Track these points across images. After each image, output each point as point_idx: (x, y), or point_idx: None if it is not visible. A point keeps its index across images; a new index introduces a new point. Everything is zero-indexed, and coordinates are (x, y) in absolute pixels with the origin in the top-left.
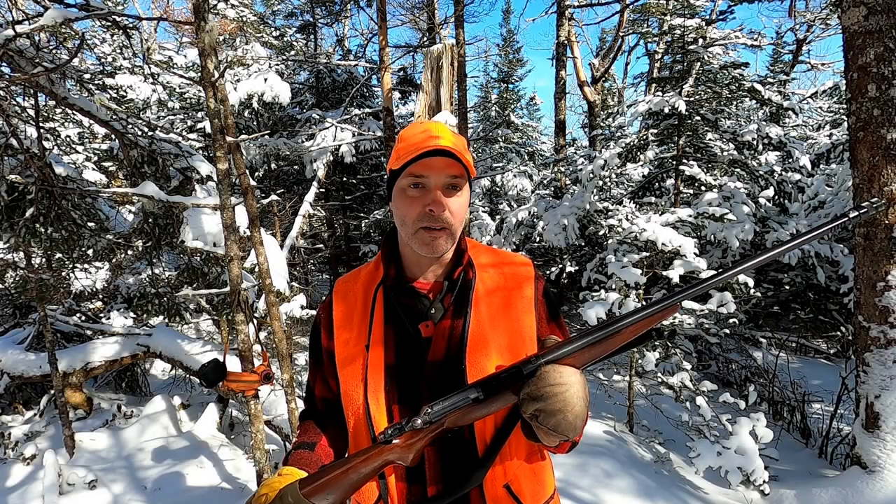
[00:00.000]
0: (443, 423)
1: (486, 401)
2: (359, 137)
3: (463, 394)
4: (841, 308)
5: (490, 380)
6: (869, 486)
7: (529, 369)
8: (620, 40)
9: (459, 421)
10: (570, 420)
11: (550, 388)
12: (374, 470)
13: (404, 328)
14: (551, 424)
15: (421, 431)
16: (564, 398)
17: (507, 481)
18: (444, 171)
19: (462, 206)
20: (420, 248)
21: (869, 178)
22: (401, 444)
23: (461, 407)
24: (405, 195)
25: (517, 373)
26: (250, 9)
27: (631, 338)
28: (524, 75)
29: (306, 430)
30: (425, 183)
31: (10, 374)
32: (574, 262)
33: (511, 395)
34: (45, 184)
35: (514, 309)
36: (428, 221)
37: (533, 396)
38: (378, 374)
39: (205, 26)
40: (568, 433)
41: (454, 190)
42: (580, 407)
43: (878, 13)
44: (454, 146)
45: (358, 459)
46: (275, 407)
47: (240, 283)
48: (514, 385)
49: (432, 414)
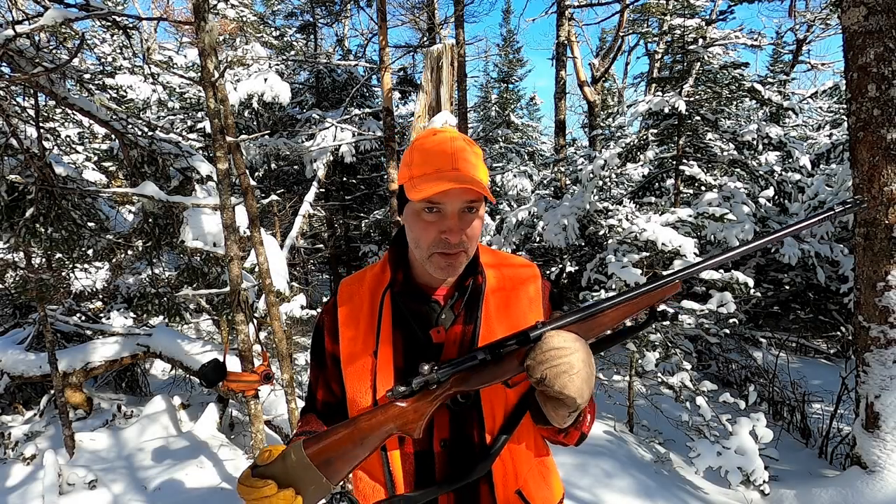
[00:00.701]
0: (449, 385)
1: (492, 363)
2: (359, 137)
3: (470, 355)
4: (841, 308)
5: (497, 343)
6: (869, 486)
7: (535, 334)
8: (620, 40)
9: (464, 384)
10: (577, 383)
11: (555, 351)
12: (379, 436)
13: (413, 333)
14: (557, 386)
15: (428, 395)
16: (569, 360)
17: (518, 486)
18: (461, 198)
19: (478, 226)
20: (435, 271)
21: (869, 178)
22: (408, 407)
23: (468, 367)
24: (420, 218)
25: (524, 337)
26: (250, 9)
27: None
28: (524, 75)
29: (308, 421)
30: (441, 209)
31: (10, 374)
32: (574, 262)
33: (516, 360)
34: (45, 184)
35: (519, 306)
36: (444, 248)
37: (538, 360)
38: (388, 380)
39: (205, 26)
40: (575, 396)
41: (470, 213)
42: (585, 371)
43: (878, 13)
44: (472, 175)
45: (363, 419)
46: (275, 407)
47: (240, 283)
48: (520, 348)
49: (439, 372)
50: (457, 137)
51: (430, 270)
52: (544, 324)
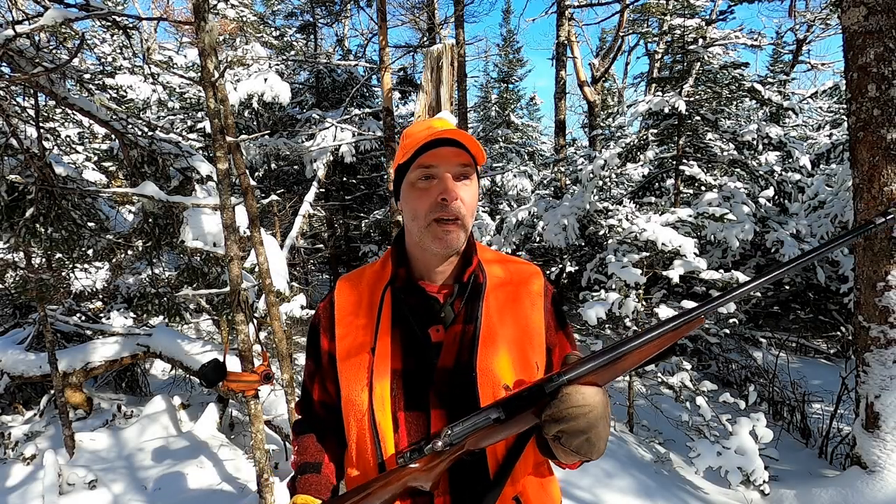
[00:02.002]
0: (463, 444)
1: (507, 421)
2: (359, 137)
3: (483, 414)
4: (841, 308)
5: (511, 399)
6: (869, 486)
7: (551, 388)
8: (620, 40)
9: (479, 442)
10: (594, 442)
11: (574, 410)
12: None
13: (412, 332)
14: (574, 446)
15: (441, 454)
16: (588, 420)
17: (516, 493)
18: (454, 160)
19: (473, 196)
20: (433, 242)
21: (869, 178)
22: (420, 468)
23: (482, 428)
24: (415, 188)
25: (539, 391)
26: (250, 9)
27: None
28: (524, 75)
29: (306, 447)
30: (435, 173)
31: (10, 374)
32: (574, 262)
33: (532, 415)
34: (45, 184)
35: (521, 303)
36: (440, 212)
37: (556, 418)
38: (384, 379)
39: (205, 26)
40: (591, 455)
41: (464, 179)
42: (603, 427)
43: (878, 13)
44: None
45: (377, 485)
46: (275, 407)
47: (240, 283)
48: (536, 404)
49: (453, 436)
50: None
51: (428, 244)
52: (560, 374)
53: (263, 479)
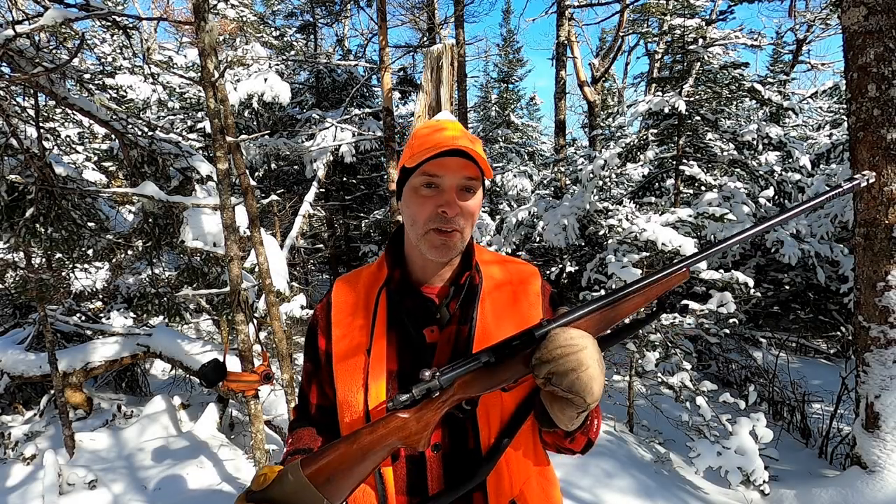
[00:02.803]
0: (453, 391)
1: (497, 365)
2: (359, 137)
3: (473, 358)
4: (841, 308)
5: (501, 344)
6: (869, 486)
7: (541, 332)
8: (620, 40)
9: (469, 389)
10: (585, 380)
11: (562, 349)
12: (381, 452)
13: (407, 333)
14: (565, 385)
15: (432, 403)
16: (578, 357)
17: (513, 496)
18: (460, 173)
19: (475, 207)
20: (429, 250)
21: None
22: (411, 418)
23: (472, 370)
24: (417, 194)
25: (529, 336)
26: (250, 9)
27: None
28: (524, 75)
29: (300, 437)
30: (439, 183)
31: (10, 374)
32: (574, 262)
33: (522, 363)
34: (45, 184)
35: (521, 304)
36: (439, 223)
37: (545, 359)
38: (379, 380)
39: (205, 26)
40: (584, 395)
41: (468, 192)
42: (595, 368)
43: (878, 13)
44: (471, 147)
45: (365, 433)
46: (275, 407)
47: (240, 283)
48: (526, 349)
49: (442, 378)
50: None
51: (424, 251)
52: (549, 321)
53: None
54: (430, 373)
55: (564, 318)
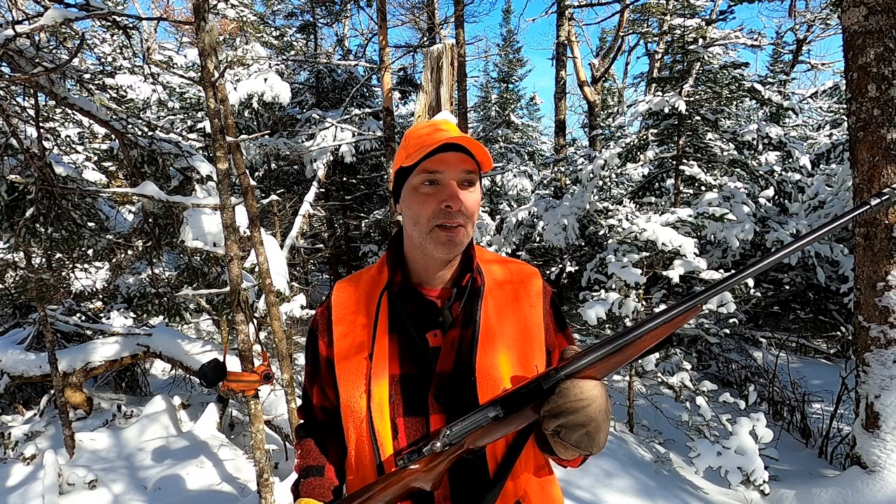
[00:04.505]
0: (462, 444)
1: (505, 418)
2: (359, 137)
3: (482, 413)
4: (841, 308)
5: (509, 396)
6: (869, 486)
7: (549, 384)
8: (620, 40)
9: (479, 441)
10: (593, 435)
11: (572, 405)
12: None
13: (410, 337)
14: (573, 441)
15: (441, 454)
16: (587, 413)
17: (517, 497)
18: (460, 167)
19: (476, 202)
20: (435, 248)
21: (869, 178)
22: (421, 469)
23: (481, 426)
24: (418, 193)
25: (537, 387)
26: (250, 9)
27: (651, 344)
28: (524, 75)
29: (308, 451)
30: (440, 179)
31: (10, 374)
32: (574, 262)
33: (531, 411)
34: (45, 184)
35: (521, 304)
36: (444, 218)
37: (554, 413)
38: (382, 385)
39: (205, 26)
40: (591, 448)
41: (469, 186)
42: (602, 420)
43: (878, 13)
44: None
45: (378, 488)
46: (275, 407)
47: (240, 283)
48: (534, 400)
49: (451, 436)
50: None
51: (429, 249)
52: (557, 370)
53: (263, 479)
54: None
55: (573, 366)
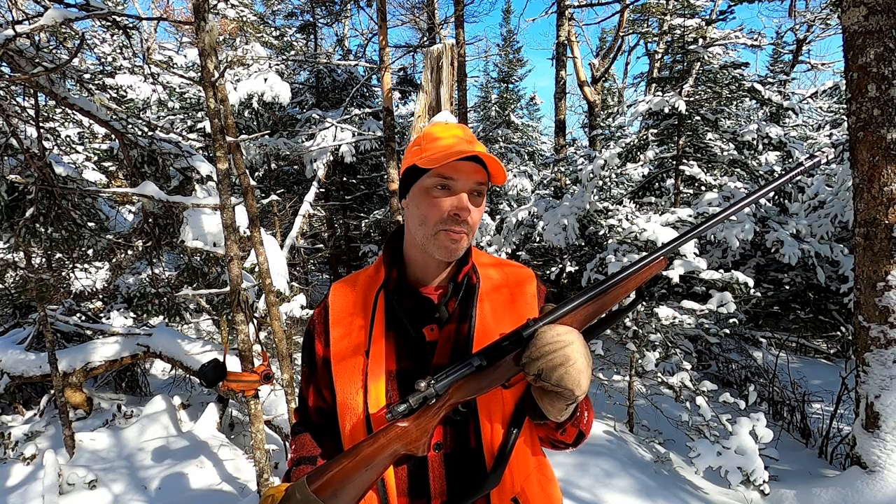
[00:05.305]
0: (449, 396)
1: (489, 367)
2: (359, 137)
3: (465, 362)
4: (841, 308)
5: (492, 347)
6: (869, 486)
7: (529, 332)
8: (620, 40)
9: (465, 394)
10: (573, 374)
11: (550, 346)
12: (384, 460)
13: (406, 333)
14: (554, 380)
15: (429, 409)
16: (565, 353)
17: (514, 493)
18: (473, 177)
19: (481, 212)
20: (438, 250)
21: (869, 178)
22: (409, 426)
23: (466, 376)
24: (429, 195)
25: (517, 337)
26: (250, 9)
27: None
28: (524, 75)
29: (303, 444)
30: (452, 186)
31: (10, 374)
32: (574, 262)
33: (513, 362)
34: (45, 184)
35: (518, 305)
36: (451, 224)
37: (534, 357)
38: (379, 381)
39: (205, 26)
40: (573, 387)
41: (478, 197)
42: (582, 362)
43: (878, 13)
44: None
45: (366, 445)
46: (275, 407)
47: (240, 283)
48: (516, 349)
49: (437, 386)
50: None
51: (432, 251)
52: (536, 320)
53: (263, 479)
54: (424, 383)
55: (550, 316)
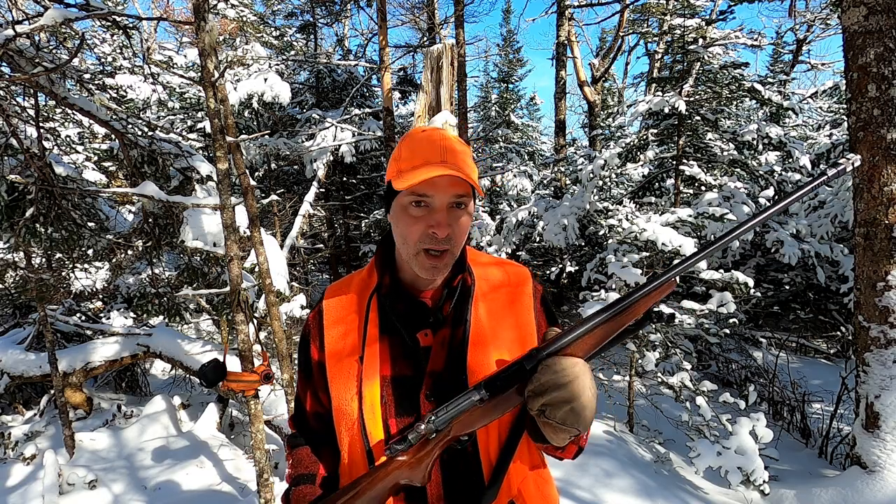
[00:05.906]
0: (449, 430)
1: (491, 401)
2: (359, 137)
3: (466, 396)
4: (841, 308)
5: (493, 379)
6: (869, 486)
7: (532, 363)
8: (620, 40)
9: (466, 427)
10: (578, 411)
11: (555, 381)
12: (384, 493)
13: (401, 338)
14: (559, 418)
15: (429, 443)
16: (570, 389)
17: (511, 496)
18: (450, 191)
19: (466, 223)
20: (420, 271)
21: (869, 178)
22: (408, 461)
23: (466, 410)
24: (406, 213)
25: (520, 369)
26: (250, 9)
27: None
28: (524, 75)
29: (300, 459)
30: (429, 202)
31: (10, 374)
32: (574, 262)
33: (516, 394)
34: (45, 184)
35: (517, 305)
36: (430, 243)
37: (538, 392)
38: (373, 387)
39: (205, 26)
40: (577, 425)
41: (459, 208)
42: (587, 397)
43: (878, 13)
44: (461, 167)
45: (365, 482)
46: (275, 407)
47: (240, 283)
48: (518, 382)
49: (437, 421)
50: (446, 133)
51: (415, 269)
52: (539, 350)
53: (263, 479)
54: (424, 426)
55: (555, 345)
